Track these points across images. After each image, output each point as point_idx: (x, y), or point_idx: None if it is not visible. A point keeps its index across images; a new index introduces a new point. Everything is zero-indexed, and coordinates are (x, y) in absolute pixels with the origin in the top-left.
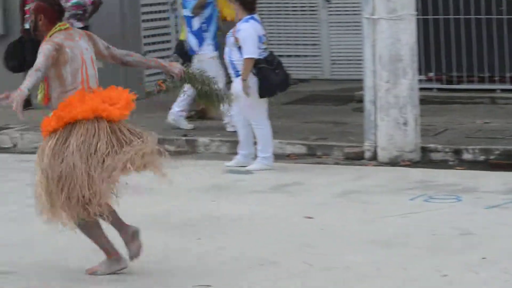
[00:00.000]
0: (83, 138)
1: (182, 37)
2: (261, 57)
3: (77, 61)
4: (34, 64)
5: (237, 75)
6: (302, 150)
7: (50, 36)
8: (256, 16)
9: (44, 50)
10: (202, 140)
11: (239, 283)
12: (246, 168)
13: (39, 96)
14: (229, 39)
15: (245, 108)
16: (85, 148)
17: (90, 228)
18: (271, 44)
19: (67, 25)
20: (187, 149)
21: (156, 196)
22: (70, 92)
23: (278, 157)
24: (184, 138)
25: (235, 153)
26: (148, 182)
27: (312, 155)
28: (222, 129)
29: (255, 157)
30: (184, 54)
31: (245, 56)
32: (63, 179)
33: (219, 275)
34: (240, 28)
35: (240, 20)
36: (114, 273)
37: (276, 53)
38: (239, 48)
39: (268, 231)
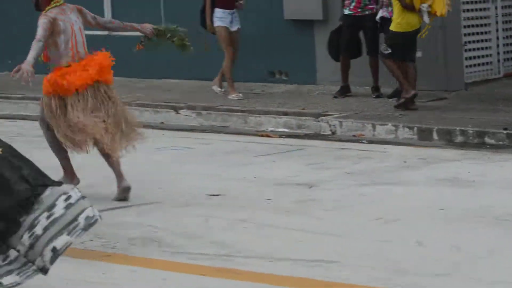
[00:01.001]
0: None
1: None
2: None
3: (68, 31)
4: (36, 36)
5: None
6: None
7: (46, 11)
8: None
9: (41, 23)
10: None
11: None
12: None
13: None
14: None
15: None
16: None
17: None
18: None
19: (62, 1)
20: (507, 143)
21: (478, 189)
22: (64, 56)
23: None
24: (504, 132)
25: None
26: (468, 175)
27: None
28: None
29: None
30: None
31: None
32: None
33: None
34: None
35: None
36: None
37: None
38: None
39: None
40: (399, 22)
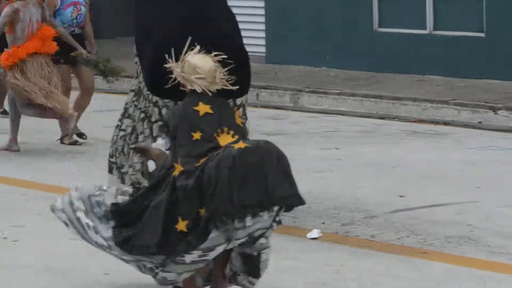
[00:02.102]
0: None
1: None
2: None
3: (26, 21)
4: None
5: None
6: None
7: (12, 2)
8: None
9: (4, 12)
10: None
11: None
12: None
13: None
14: None
15: None
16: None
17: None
18: None
19: None
20: None
21: None
22: (18, 40)
23: None
24: None
25: None
26: None
27: None
28: None
29: None
30: None
31: None
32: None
33: None
34: None
35: None
36: None
37: None
38: None
39: None
40: None
